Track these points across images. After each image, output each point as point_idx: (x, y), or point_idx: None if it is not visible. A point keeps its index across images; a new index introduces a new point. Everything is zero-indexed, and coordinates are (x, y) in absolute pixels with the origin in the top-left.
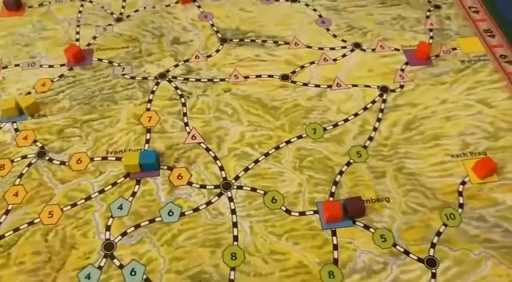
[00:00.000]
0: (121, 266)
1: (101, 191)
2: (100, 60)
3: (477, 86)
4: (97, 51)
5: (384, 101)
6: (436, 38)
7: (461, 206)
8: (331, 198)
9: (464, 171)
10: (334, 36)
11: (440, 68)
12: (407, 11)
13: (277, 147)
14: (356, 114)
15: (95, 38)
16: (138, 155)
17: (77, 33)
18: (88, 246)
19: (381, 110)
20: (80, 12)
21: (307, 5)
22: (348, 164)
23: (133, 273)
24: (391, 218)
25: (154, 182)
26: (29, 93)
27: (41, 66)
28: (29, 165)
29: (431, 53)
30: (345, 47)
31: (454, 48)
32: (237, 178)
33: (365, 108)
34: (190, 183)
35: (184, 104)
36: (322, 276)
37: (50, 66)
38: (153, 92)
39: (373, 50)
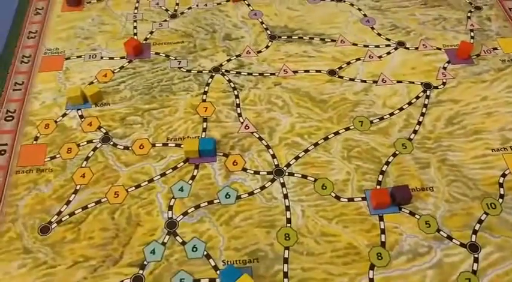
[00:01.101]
0: (183, 243)
1: (163, 174)
2: (157, 53)
3: None
4: (154, 45)
5: (428, 97)
6: (477, 38)
7: (501, 196)
8: (378, 186)
9: (505, 164)
10: (379, 34)
11: (481, 66)
12: (449, 11)
13: (326, 138)
14: (401, 109)
15: (151, 32)
16: (197, 141)
17: (134, 27)
18: (152, 224)
19: (425, 105)
20: (136, 8)
21: (352, 4)
22: (394, 155)
23: (194, 249)
24: (435, 205)
25: (212, 167)
26: (92, 82)
27: (101, 58)
28: (95, 149)
29: (473, 52)
30: (389, 45)
31: (495, 48)
32: (288, 166)
33: (409, 103)
34: (245, 169)
35: (237, 96)
36: (370, 257)
37: (111, 58)
38: (208, 85)
39: (416, 48)
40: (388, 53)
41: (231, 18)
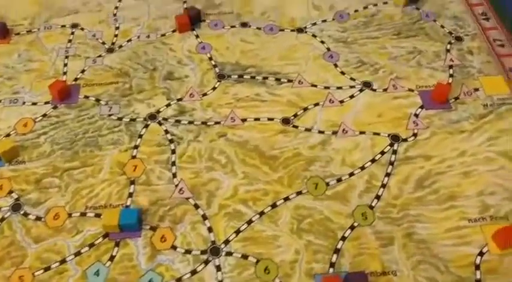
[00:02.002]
0: None
1: (77, 253)
2: (87, 97)
3: (501, 135)
4: (84, 87)
5: (395, 152)
6: (456, 76)
7: None
8: (331, 269)
9: (483, 239)
10: (342, 73)
11: (460, 113)
12: (425, 43)
13: (274, 205)
14: (363, 167)
15: (83, 71)
16: (118, 213)
17: (65, 65)
18: None
19: (391, 163)
20: (69, 41)
21: (314, 35)
22: (352, 227)
23: None
24: None
25: (135, 245)
26: (8, 135)
27: (24, 103)
28: (2, 219)
29: (451, 94)
30: (353, 87)
31: (476, 89)
32: (227, 242)
33: (373, 160)
34: (174, 247)
35: (173, 151)
36: None
37: (34, 103)
38: (140, 137)
39: (385, 90)
40: (352, 97)
41: (176, 52)
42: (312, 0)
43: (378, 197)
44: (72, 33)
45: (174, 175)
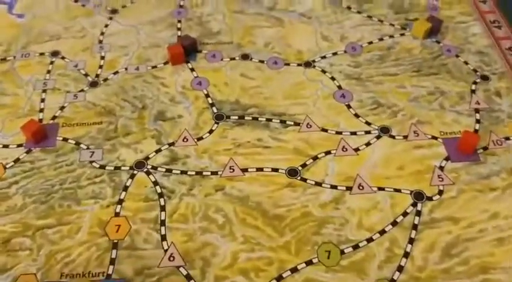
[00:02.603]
0: None
1: None
2: (65, 140)
3: None
4: (63, 127)
5: (419, 214)
6: (483, 122)
7: None
8: None
9: None
10: (356, 115)
11: (490, 166)
12: (448, 82)
13: (280, 278)
14: (383, 232)
15: (62, 108)
16: None
17: (42, 100)
18: None
19: (415, 227)
20: (48, 72)
21: (323, 71)
22: None
23: None
24: None
25: None
26: None
27: None
28: None
29: (479, 143)
30: (369, 132)
31: (507, 138)
32: None
33: (394, 223)
34: None
35: (163, 208)
36: None
37: (5, 146)
38: (126, 189)
39: (405, 137)
40: (368, 144)
41: (168, 88)
42: (321, 30)
43: (400, 269)
44: (52, 62)
45: (164, 238)
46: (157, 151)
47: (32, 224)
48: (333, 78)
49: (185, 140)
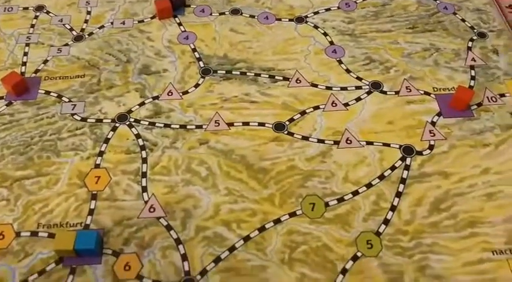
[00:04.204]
0: None
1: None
2: (47, 92)
3: None
4: (45, 80)
5: (407, 168)
6: (479, 79)
7: None
8: None
9: (510, 274)
10: (348, 71)
11: (483, 121)
12: (444, 39)
13: (262, 228)
14: (369, 185)
15: (45, 62)
16: (73, 236)
17: (25, 54)
18: None
19: (403, 181)
20: (32, 26)
21: (316, 27)
22: (355, 258)
23: None
24: None
25: (94, 273)
26: None
27: None
28: None
29: (473, 99)
30: (360, 88)
31: (502, 95)
32: (203, 273)
33: (381, 177)
34: (140, 278)
35: (145, 160)
36: None
37: None
38: (106, 141)
39: (397, 92)
40: (358, 99)
41: (154, 42)
42: None
43: (386, 222)
44: (36, 17)
45: (144, 189)
46: (141, 104)
47: (10, 175)
48: (325, 34)
49: (170, 93)
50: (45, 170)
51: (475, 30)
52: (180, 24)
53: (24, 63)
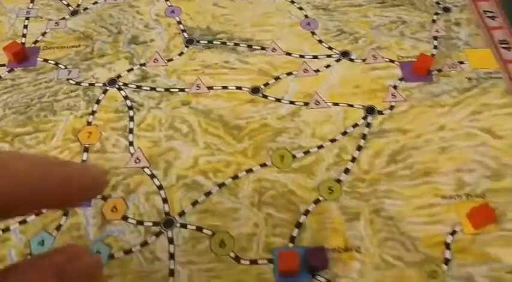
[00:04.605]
0: None
1: (23, 222)
2: (46, 60)
3: (484, 110)
4: (44, 50)
5: (368, 125)
6: (441, 48)
7: (446, 261)
8: (291, 244)
9: (457, 217)
10: (320, 41)
11: (442, 85)
12: (411, 13)
13: (235, 177)
14: (333, 140)
15: (44, 34)
16: None
17: (25, 27)
18: None
19: (363, 136)
20: (32, 1)
21: (292, 1)
22: (316, 201)
23: None
24: (359, 273)
25: (84, 215)
26: None
27: None
28: None
29: (433, 66)
30: (330, 56)
31: (461, 62)
32: (182, 214)
33: (345, 133)
34: (125, 218)
35: (132, 118)
36: None
37: None
38: (98, 102)
39: (364, 60)
40: (328, 66)
41: (143, 16)
42: None
43: (346, 171)
44: None
45: (131, 143)
46: (129, 70)
47: (11, 131)
48: (300, 8)
49: (156, 61)
50: (42, 127)
51: (440, 5)
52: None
53: (24, 35)
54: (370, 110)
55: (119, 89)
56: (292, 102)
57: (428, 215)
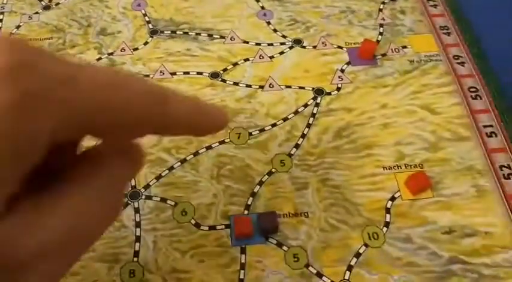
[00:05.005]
0: None
1: None
2: None
3: (424, 89)
4: None
5: (317, 105)
6: (386, 35)
7: (387, 224)
8: (246, 211)
9: (396, 185)
10: (275, 30)
11: (385, 68)
12: (359, 2)
13: (196, 153)
14: (285, 119)
15: (18, 27)
16: None
17: (0, 21)
18: None
19: (313, 115)
20: None
21: None
22: (270, 173)
23: None
24: (307, 235)
25: None
26: None
27: None
28: None
29: (379, 51)
30: (284, 44)
31: (404, 47)
32: (147, 187)
33: (296, 112)
34: None
35: None
36: None
37: None
38: None
39: (314, 47)
40: (282, 53)
41: (111, 9)
42: None
43: (297, 146)
44: None
45: None
46: (98, 59)
47: None
48: (257, 0)
49: (123, 50)
50: None
51: None
52: None
53: None
54: (319, 92)
55: None
56: (248, 86)
57: (371, 183)
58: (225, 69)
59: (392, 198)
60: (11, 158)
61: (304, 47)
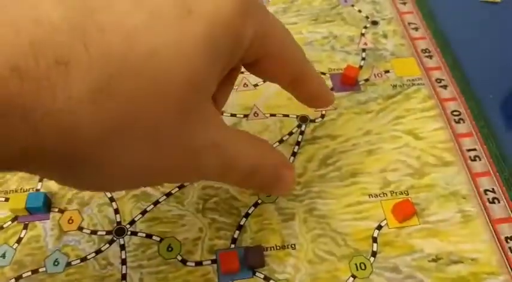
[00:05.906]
0: None
1: None
2: None
3: (407, 114)
4: None
5: (302, 133)
6: (368, 59)
7: (374, 254)
8: (233, 245)
9: (382, 213)
10: None
11: (368, 93)
12: (341, 28)
13: (182, 186)
14: None
15: None
16: (25, 197)
17: None
18: None
19: (298, 143)
20: None
21: None
22: (256, 204)
23: None
24: (295, 268)
25: (43, 227)
26: None
27: None
28: None
29: (361, 76)
30: None
31: (387, 71)
32: (132, 222)
33: (281, 141)
34: (81, 228)
35: None
36: None
37: None
38: None
39: None
40: (265, 81)
41: None
42: None
43: None
44: None
45: None
46: None
47: None
48: None
49: None
50: None
51: (369, 19)
52: None
53: None
54: (303, 119)
55: None
56: (233, 115)
57: (357, 212)
58: None
59: (379, 227)
60: (231, 53)
61: None
